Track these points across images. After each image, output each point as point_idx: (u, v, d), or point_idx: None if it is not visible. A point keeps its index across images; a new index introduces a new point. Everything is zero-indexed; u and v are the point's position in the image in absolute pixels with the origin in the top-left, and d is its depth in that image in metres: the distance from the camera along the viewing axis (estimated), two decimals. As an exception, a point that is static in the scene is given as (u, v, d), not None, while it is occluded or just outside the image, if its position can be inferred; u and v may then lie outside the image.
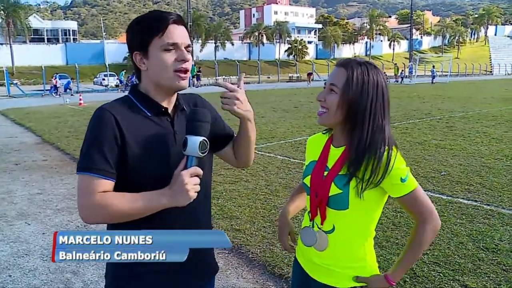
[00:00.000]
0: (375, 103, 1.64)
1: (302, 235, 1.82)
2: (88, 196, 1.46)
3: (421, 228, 1.65)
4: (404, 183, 1.63)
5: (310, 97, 24.09)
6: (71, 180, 7.21)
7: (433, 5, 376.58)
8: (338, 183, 1.66)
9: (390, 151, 1.62)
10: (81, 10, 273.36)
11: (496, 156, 8.16)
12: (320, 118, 1.72)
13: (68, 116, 16.37)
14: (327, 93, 1.69)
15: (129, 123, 1.52)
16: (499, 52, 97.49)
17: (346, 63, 1.68)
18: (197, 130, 1.48)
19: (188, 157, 1.47)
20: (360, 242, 1.73)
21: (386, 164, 1.60)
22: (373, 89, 1.64)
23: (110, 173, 1.48)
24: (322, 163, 1.76)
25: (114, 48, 63.67)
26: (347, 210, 1.67)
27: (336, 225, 1.71)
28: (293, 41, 75.98)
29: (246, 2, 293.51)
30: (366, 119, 1.63)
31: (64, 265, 4.12)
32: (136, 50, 1.57)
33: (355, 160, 1.63)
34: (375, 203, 1.70)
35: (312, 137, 1.97)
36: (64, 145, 10.22)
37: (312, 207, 1.76)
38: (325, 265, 1.74)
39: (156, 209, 1.47)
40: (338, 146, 1.75)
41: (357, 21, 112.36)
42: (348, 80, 1.63)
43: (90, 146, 1.48)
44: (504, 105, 17.99)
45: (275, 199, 5.80)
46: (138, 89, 1.63)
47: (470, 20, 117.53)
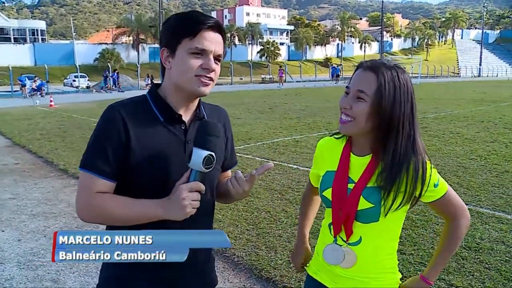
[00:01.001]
0: (407, 110, 1.52)
1: (326, 254, 1.67)
2: (86, 194, 1.43)
3: (455, 224, 1.62)
4: (437, 188, 1.58)
5: (284, 98, 24.20)
6: (45, 184, 7.00)
7: (402, 8, 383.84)
8: (368, 197, 1.54)
9: (425, 161, 1.54)
10: (49, 10, 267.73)
11: (470, 156, 8.32)
12: (344, 127, 1.56)
13: (39, 118, 15.95)
14: (353, 100, 1.52)
15: (137, 125, 1.46)
16: (465, 54, 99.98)
17: (376, 67, 1.52)
18: (204, 143, 1.39)
19: (192, 171, 1.40)
20: (389, 251, 1.65)
21: (422, 175, 1.52)
22: (404, 96, 1.51)
23: (110, 174, 1.44)
24: (343, 174, 1.61)
25: (85, 48, 62.47)
26: (377, 222, 1.56)
27: (363, 236, 1.60)
28: (265, 43, 76.13)
29: (218, 3, 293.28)
30: (400, 128, 1.51)
31: (43, 273, 3.98)
32: (164, 46, 1.52)
33: (391, 172, 1.51)
34: (403, 211, 1.61)
35: (323, 142, 1.79)
36: (36, 148, 9.92)
37: (336, 223, 1.62)
38: (353, 277, 1.63)
39: (150, 218, 1.42)
40: (362, 155, 1.61)
41: (329, 23, 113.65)
42: (380, 88, 1.49)
43: (94, 144, 1.45)
44: (473, 106, 18.43)
45: (256, 201, 5.76)
46: (157, 90, 1.56)
47: (438, 23, 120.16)
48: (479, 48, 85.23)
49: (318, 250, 1.74)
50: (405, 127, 1.51)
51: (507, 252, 4.14)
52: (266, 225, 4.96)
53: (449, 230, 1.64)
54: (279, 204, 5.65)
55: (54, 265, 4.13)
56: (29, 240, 4.76)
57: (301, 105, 19.69)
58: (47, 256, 4.33)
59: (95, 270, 4.02)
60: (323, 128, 12.42)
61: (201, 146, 1.38)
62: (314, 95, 26.72)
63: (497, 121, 13.45)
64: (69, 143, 10.40)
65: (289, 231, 4.75)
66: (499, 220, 4.94)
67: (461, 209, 1.62)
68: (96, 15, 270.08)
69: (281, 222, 5.04)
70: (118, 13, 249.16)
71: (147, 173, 1.46)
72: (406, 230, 4.59)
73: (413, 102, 1.54)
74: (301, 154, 8.76)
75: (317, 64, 72.17)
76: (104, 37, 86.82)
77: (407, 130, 1.52)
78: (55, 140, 10.88)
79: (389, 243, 1.64)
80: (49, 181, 7.22)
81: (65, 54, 59.59)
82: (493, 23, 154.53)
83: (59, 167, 8.02)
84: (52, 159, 8.69)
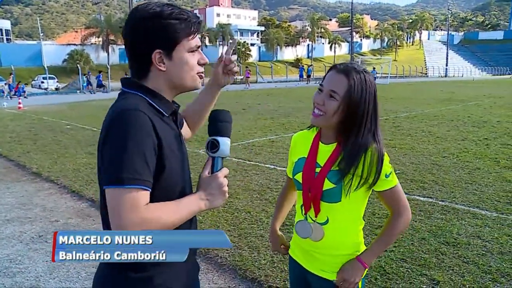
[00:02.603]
0: (370, 108, 1.74)
1: (297, 229, 1.92)
2: (135, 212, 1.29)
3: (396, 219, 1.82)
4: (387, 179, 1.78)
5: (256, 98, 24.24)
6: (18, 188, 6.83)
7: (371, 9, 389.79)
8: (331, 178, 1.77)
9: (382, 151, 1.76)
10: (14, 9, 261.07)
11: (443, 154, 8.51)
12: (316, 120, 1.79)
13: (7, 121, 15.53)
14: (326, 98, 1.75)
15: (160, 127, 1.39)
16: (432, 55, 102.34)
17: (347, 71, 1.73)
18: (225, 130, 1.47)
19: (215, 159, 1.45)
20: (354, 230, 1.87)
21: (378, 162, 1.73)
22: (370, 96, 1.74)
23: (151, 185, 1.34)
24: (312, 159, 1.84)
25: (53, 49, 61.09)
26: (339, 202, 1.79)
27: (330, 216, 1.82)
28: (236, 44, 76.19)
29: (188, 4, 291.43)
30: (362, 123, 1.74)
31: (22, 280, 3.89)
32: (158, 48, 1.43)
33: (350, 158, 1.73)
34: (364, 194, 1.82)
35: (297, 134, 2.05)
36: (7, 151, 9.66)
37: (306, 202, 1.86)
38: (321, 255, 1.86)
39: (195, 214, 1.45)
40: (328, 143, 1.84)
41: (299, 24, 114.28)
42: (350, 89, 1.71)
43: (133, 153, 1.30)
44: (442, 106, 18.85)
45: (236, 202, 5.75)
46: (147, 87, 1.48)
47: (406, 24, 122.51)
48: (445, 49, 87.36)
49: (294, 230, 1.97)
50: (367, 123, 1.75)
51: (483, 246, 4.26)
52: (247, 225, 4.96)
53: (388, 224, 1.85)
54: (259, 204, 5.66)
55: (33, 272, 4.04)
56: (5, 246, 4.64)
57: (274, 106, 19.75)
58: (25, 262, 4.23)
59: (76, 275, 3.96)
60: (297, 128, 12.48)
61: (223, 134, 1.46)
62: (286, 96, 26.85)
63: (465, 119, 13.80)
64: (41, 146, 10.16)
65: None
66: (474, 216, 5.07)
67: (403, 208, 1.83)
68: (64, 15, 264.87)
69: (262, 222, 5.05)
70: (86, 14, 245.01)
71: (172, 173, 1.43)
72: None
73: (376, 101, 1.78)
74: (277, 154, 8.80)
75: (288, 64, 72.54)
76: (73, 38, 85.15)
77: (369, 125, 1.75)
78: (26, 143, 10.62)
79: (352, 224, 1.86)
80: (22, 185, 7.05)
81: (32, 55, 58.14)
82: (457, 26, 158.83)
83: (32, 171, 7.83)
84: (24, 162, 8.48)
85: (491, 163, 7.75)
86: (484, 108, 17.53)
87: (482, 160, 7.99)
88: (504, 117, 14.31)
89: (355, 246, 1.86)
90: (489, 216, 5.10)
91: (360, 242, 1.89)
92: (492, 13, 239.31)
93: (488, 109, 17.33)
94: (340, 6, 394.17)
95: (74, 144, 10.37)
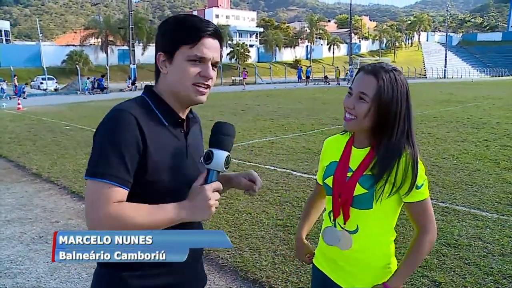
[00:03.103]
0: (403, 109, 1.66)
1: (325, 235, 1.84)
2: (103, 206, 1.32)
3: (422, 237, 1.71)
4: (419, 190, 1.68)
5: (255, 100, 24.23)
6: (18, 189, 6.82)
7: (370, 10, 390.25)
8: (363, 183, 1.69)
9: (417, 156, 1.67)
10: (13, 10, 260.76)
11: (443, 155, 8.52)
12: (348, 124, 1.73)
13: (7, 122, 15.53)
14: (356, 101, 1.68)
15: (150, 130, 1.41)
16: (431, 56, 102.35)
17: (376, 71, 1.66)
18: (223, 144, 1.43)
19: (210, 171, 1.41)
20: (385, 240, 1.77)
21: (413, 169, 1.65)
22: (401, 96, 1.66)
23: (128, 182, 1.36)
24: (344, 164, 1.77)
25: (52, 50, 61.00)
26: (370, 210, 1.70)
27: (360, 224, 1.73)
28: (235, 45, 75.97)
29: (187, 5, 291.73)
30: (395, 125, 1.66)
31: (22, 281, 3.88)
32: (161, 50, 1.48)
33: (383, 162, 1.66)
34: (396, 203, 1.74)
35: (329, 139, 1.97)
36: (6, 152, 9.65)
37: (335, 208, 1.77)
38: (348, 265, 1.77)
39: (174, 222, 1.39)
40: (361, 147, 1.77)
41: (298, 25, 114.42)
42: (380, 90, 1.64)
43: (110, 150, 1.34)
44: (441, 107, 18.87)
45: (236, 203, 5.75)
46: (154, 92, 1.53)
47: (404, 26, 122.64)
48: (443, 51, 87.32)
49: (321, 237, 1.89)
50: (400, 124, 1.66)
51: (484, 248, 4.27)
52: (248, 226, 4.96)
53: (415, 243, 1.73)
54: (259, 206, 5.66)
55: (34, 272, 4.03)
56: (5, 247, 4.63)
57: (274, 107, 19.75)
58: (26, 263, 4.22)
59: (76, 276, 3.95)
60: (297, 129, 12.49)
61: (220, 147, 1.42)
62: (285, 97, 26.84)
63: (465, 121, 13.82)
64: (41, 147, 10.16)
65: (271, 232, 4.77)
66: (474, 217, 5.08)
67: (430, 224, 1.72)
68: (63, 16, 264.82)
69: (262, 223, 5.05)
70: (85, 15, 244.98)
71: (161, 179, 1.43)
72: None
73: (408, 101, 1.69)
74: (277, 155, 8.80)
75: (287, 66, 72.52)
76: (72, 39, 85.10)
77: (402, 127, 1.67)
78: (25, 144, 10.61)
79: (384, 234, 1.77)
80: (22, 185, 7.04)
81: (31, 55, 58.06)
82: (456, 27, 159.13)
83: (32, 171, 7.82)
84: (24, 163, 8.47)
85: (491, 164, 7.76)
86: (483, 110, 17.55)
87: (482, 161, 8.01)
88: (503, 118, 14.33)
89: (385, 258, 1.76)
90: (489, 217, 5.10)
91: (391, 254, 1.78)
92: (490, 14, 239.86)
93: (487, 110, 17.35)
94: (338, 8, 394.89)
95: (74, 145, 10.36)
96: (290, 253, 4.21)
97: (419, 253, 1.71)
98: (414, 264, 1.75)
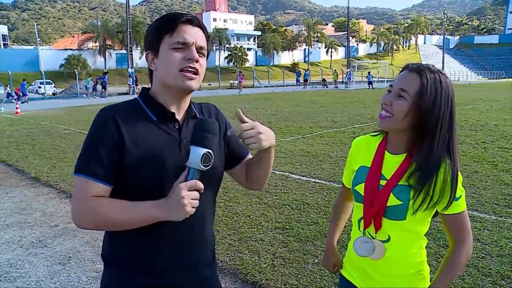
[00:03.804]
0: (446, 114, 1.56)
1: (356, 246, 1.73)
2: (81, 199, 1.40)
3: (459, 249, 1.65)
4: (457, 202, 1.61)
5: (253, 103, 24.26)
6: (17, 193, 6.82)
7: (367, 13, 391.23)
8: (398, 194, 1.59)
9: (457, 168, 1.58)
10: (10, 14, 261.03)
11: (441, 157, 8.53)
12: (383, 122, 1.61)
13: (5, 126, 15.52)
14: (394, 98, 1.58)
15: (130, 126, 1.45)
16: (429, 59, 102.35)
17: (420, 69, 1.57)
18: (202, 141, 1.37)
19: (190, 169, 1.38)
20: (417, 248, 1.70)
21: (452, 181, 1.56)
22: (445, 100, 1.55)
23: (104, 178, 1.41)
24: (376, 170, 1.67)
25: (50, 54, 61.12)
26: (403, 220, 1.62)
27: (391, 234, 1.65)
28: (233, 48, 76.16)
29: (184, 9, 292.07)
30: (437, 131, 1.55)
31: (22, 285, 3.89)
32: (148, 49, 1.54)
33: (424, 173, 1.55)
34: (430, 211, 1.65)
35: (359, 139, 1.87)
36: (5, 156, 9.65)
37: (366, 217, 1.69)
38: (379, 275, 1.70)
39: (149, 220, 1.39)
40: (396, 153, 1.66)
41: (295, 28, 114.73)
42: (422, 89, 1.54)
43: (88, 148, 1.43)
44: (439, 109, 18.87)
45: (235, 206, 5.76)
46: (147, 92, 1.58)
47: (402, 29, 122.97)
48: (441, 53, 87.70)
49: (350, 246, 1.82)
50: (442, 131, 1.56)
51: (482, 249, 4.29)
52: (247, 229, 4.97)
53: (451, 255, 1.67)
54: (258, 208, 5.67)
55: (34, 276, 4.04)
56: (5, 251, 4.63)
57: (272, 110, 19.78)
58: (26, 267, 4.23)
59: (76, 280, 3.96)
60: (295, 132, 12.52)
61: (198, 143, 1.37)
62: (283, 100, 26.88)
63: (463, 123, 13.83)
64: (39, 151, 10.16)
65: (271, 235, 4.78)
66: (472, 219, 5.09)
67: (468, 235, 1.65)
68: (61, 20, 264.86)
69: (261, 226, 5.07)
70: (83, 19, 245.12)
71: (143, 174, 1.44)
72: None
73: (453, 107, 1.58)
74: (275, 158, 8.78)
75: (285, 69, 72.70)
76: (70, 43, 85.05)
77: (444, 134, 1.56)
78: (24, 148, 10.61)
79: (415, 242, 1.69)
80: (21, 189, 7.04)
81: (29, 60, 58.13)
82: (453, 30, 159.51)
83: (31, 175, 7.83)
84: (23, 167, 8.47)
85: (489, 166, 7.79)
86: (481, 112, 17.59)
87: (480, 163, 8.03)
88: (501, 121, 14.37)
89: (417, 266, 1.69)
90: (488, 219, 5.13)
91: (423, 261, 1.72)
92: (487, 17, 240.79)
93: (485, 112, 17.39)
94: (336, 11, 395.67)
95: (73, 148, 10.36)
96: (290, 255, 4.23)
97: (456, 265, 1.65)
98: (450, 278, 1.66)
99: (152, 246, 1.49)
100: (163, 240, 1.49)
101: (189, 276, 1.57)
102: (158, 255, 1.50)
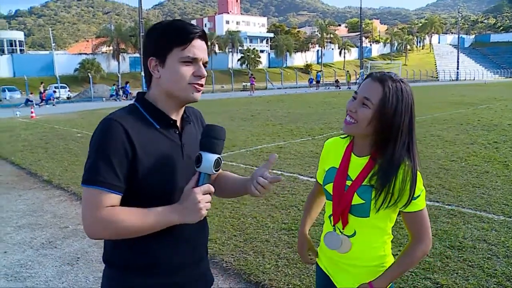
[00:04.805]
0: (406, 121, 1.66)
1: (326, 240, 1.88)
2: (95, 210, 1.39)
3: (414, 247, 1.74)
4: (415, 201, 1.70)
5: (266, 105, 24.29)
6: (30, 195, 6.95)
7: (380, 14, 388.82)
8: (361, 194, 1.71)
9: (416, 169, 1.68)
10: (27, 20, 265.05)
11: (451, 158, 8.48)
12: (348, 128, 1.73)
13: (21, 130, 15.77)
14: (359, 105, 1.68)
15: (139, 135, 1.46)
16: (443, 59, 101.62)
17: (383, 78, 1.66)
18: (212, 147, 1.45)
19: (201, 174, 1.45)
20: (380, 243, 1.81)
21: (412, 181, 1.65)
22: (405, 108, 1.65)
23: (118, 187, 1.42)
24: (343, 171, 1.78)
25: (64, 59, 61.98)
26: (367, 218, 1.73)
27: (357, 230, 1.78)
28: (246, 50, 76.35)
29: (198, 12, 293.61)
30: (398, 136, 1.66)
31: (32, 284, 3.97)
32: (152, 55, 1.53)
33: (384, 175, 1.66)
34: (393, 210, 1.76)
35: (330, 140, 1.99)
36: (19, 159, 9.82)
37: (335, 214, 1.81)
38: (346, 266, 1.83)
39: (166, 225, 1.44)
40: (361, 156, 1.77)
41: (308, 30, 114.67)
42: (384, 98, 1.64)
43: (98, 158, 1.40)
44: (452, 109, 18.72)
45: (242, 207, 5.79)
46: (145, 98, 1.58)
47: (415, 28, 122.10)
48: (456, 53, 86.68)
49: (322, 238, 1.94)
50: (403, 136, 1.66)
51: (488, 250, 4.25)
52: (253, 230, 5.00)
53: (407, 249, 1.76)
54: (265, 210, 5.69)
55: (43, 276, 4.12)
56: (16, 251, 4.73)
57: (283, 112, 19.78)
58: (35, 267, 4.31)
59: (84, 280, 4.03)
60: (305, 134, 12.52)
61: (209, 150, 1.45)
62: (295, 102, 26.89)
63: (475, 123, 13.72)
64: (52, 154, 10.32)
65: (276, 236, 4.80)
66: (480, 219, 5.06)
67: (425, 234, 1.74)
68: (75, 25, 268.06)
69: (267, 227, 5.09)
70: (97, 23, 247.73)
71: (154, 181, 1.48)
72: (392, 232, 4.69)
73: (412, 114, 1.69)
74: (284, 160, 8.82)
75: (298, 70, 72.62)
76: (84, 47, 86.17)
77: (404, 138, 1.67)
78: (37, 152, 10.78)
79: (380, 238, 1.81)
80: (34, 192, 7.16)
81: (45, 64, 58.99)
82: (468, 28, 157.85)
83: (43, 178, 7.96)
84: (36, 170, 8.62)
85: (500, 166, 7.72)
86: (495, 111, 17.40)
87: (490, 163, 7.96)
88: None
89: (380, 259, 1.80)
90: (496, 219, 5.08)
91: (387, 255, 1.82)
92: (504, 14, 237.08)
93: (499, 112, 17.20)
94: (349, 11, 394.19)
95: (85, 152, 10.43)
96: (294, 256, 4.25)
97: (410, 260, 1.75)
98: (402, 269, 1.78)
99: (160, 247, 1.53)
100: (170, 240, 1.53)
101: (192, 272, 1.64)
102: (164, 255, 1.54)
